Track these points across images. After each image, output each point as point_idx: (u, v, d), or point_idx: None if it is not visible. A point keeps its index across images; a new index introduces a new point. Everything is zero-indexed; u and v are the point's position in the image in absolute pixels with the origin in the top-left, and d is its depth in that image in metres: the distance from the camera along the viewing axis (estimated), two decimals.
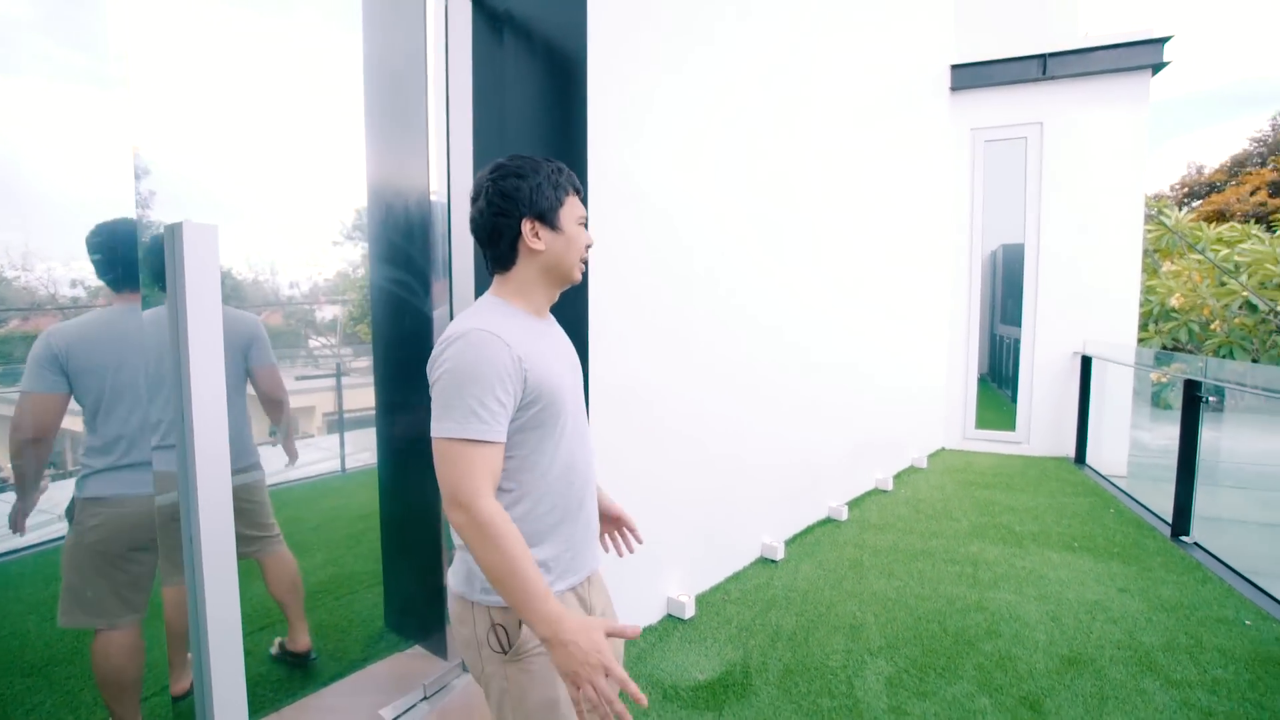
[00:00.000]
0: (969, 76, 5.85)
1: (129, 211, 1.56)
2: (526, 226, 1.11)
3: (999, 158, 5.97)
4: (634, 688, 0.94)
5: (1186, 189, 21.29)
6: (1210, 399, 3.51)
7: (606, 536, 1.46)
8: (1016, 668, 2.36)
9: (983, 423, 6.23)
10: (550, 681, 1.11)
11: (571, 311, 1.98)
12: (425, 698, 2.18)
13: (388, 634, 2.39)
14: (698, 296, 2.90)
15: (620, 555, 1.46)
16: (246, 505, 2.02)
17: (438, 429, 1.01)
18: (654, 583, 2.75)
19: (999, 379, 6.48)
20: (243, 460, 2.01)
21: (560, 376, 1.12)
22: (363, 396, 3.53)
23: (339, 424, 3.69)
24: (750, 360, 3.31)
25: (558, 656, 0.95)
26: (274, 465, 2.23)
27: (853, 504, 4.36)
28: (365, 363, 3.56)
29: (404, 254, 1.99)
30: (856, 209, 4.45)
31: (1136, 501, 4.39)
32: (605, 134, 2.31)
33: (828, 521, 4.02)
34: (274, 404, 2.13)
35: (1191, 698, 2.16)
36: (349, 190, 2.57)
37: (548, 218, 1.12)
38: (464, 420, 0.99)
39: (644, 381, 2.59)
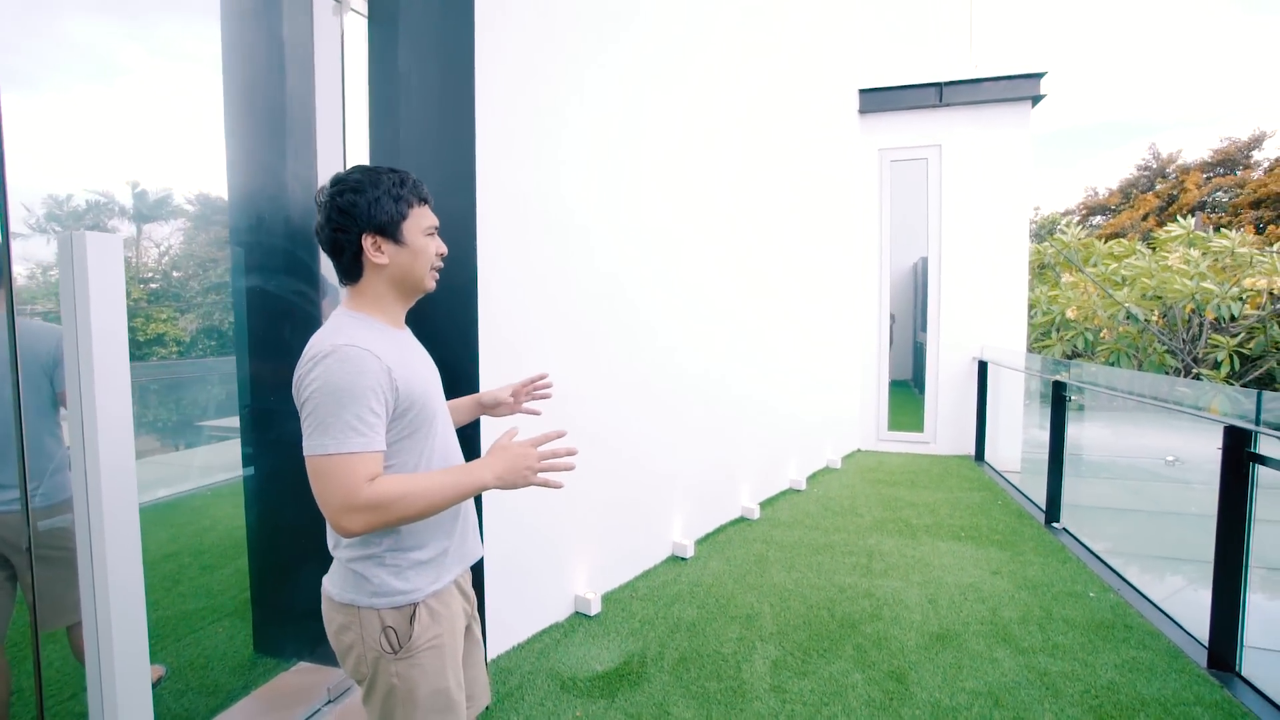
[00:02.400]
0: (875, 100, 6.26)
1: None
2: (367, 241, 1.11)
3: (905, 176, 6.40)
4: (550, 436, 1.18)
5: (1088, 208, 23.17)
6: (1073, 398, 3.89)
7: (525, 404, 1.53)
8: (890, 646, 2.57)
9: (895, 425, 6.61)
10: (440, 672, 1.16)
11: (463, 317, 2.06)
12: (330, 700, 2.20)
13: (262, 659, 2.33)
14: (614, 304, 3.04)
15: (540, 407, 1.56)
16: (67, 554, 1.50)
17: (313, 446, 1.00)
18: (562, 581, 2.84)
19: (920, 384, 6.89)
20: (63, 494, 1.63)
21: (427, 382, 1.18)
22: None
23: None
24: (667, 370, 3.46)
25: (505, 486, 1.11)
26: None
27: (766, 503, 4.56)
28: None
29: (288, 259, 2.03)
30: (772, 223, 4.70)
31: (1023, 494, 4.78)
32: (520, 151, 2.47)
33: (740, 520, 4.20)
34: None
35: (1034, 662, 2.41)
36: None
37: (389, 231, 1.12)
38: (341, 435, 0.99)
39: (560, 383, 2.70)
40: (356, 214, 1.10)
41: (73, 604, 1.59)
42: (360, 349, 1.03)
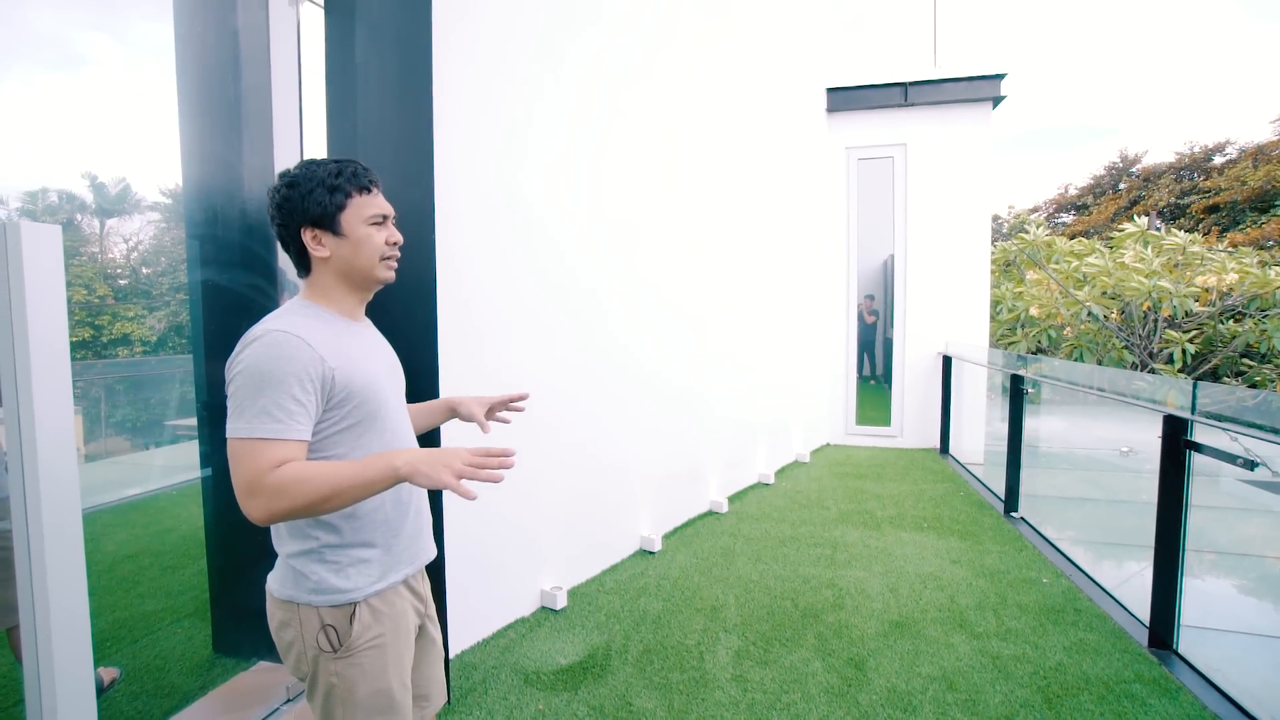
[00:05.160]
0: (842, 100, 6.35)
1: None
2: (307, 235, 1.11)
3: (872, 174, 6.51)
4: (495, 452, 0.99)
5: (1057, 206, 23.81)
6: (1029, 390, 4.01)
7: (501, 414, 1.45)
8: (851, 634, 2.62)
9: (864, 419, 6.72)
10: (380, 673, 1.13)
11: (421, 309, 2.05)
12: (289, 699, 2.17)
13: (221, 659, 2.30)
14: (579, 299, 3.06)
15: (511, 417, 1.46)
16: (6, 554, 1.38)
17: (230, 429, 0.99)
18: (528, 576, 2.84)
19: (889, 378, 6.99)
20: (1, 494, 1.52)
21: (374, 374, 1.14)
22: None
23: None
24: (634, 367, 3.48)
25: (420, 483, 0.97)
26: None
27: (734, 497, 4.61)
28: None
29: (244, 253, 1.99)
30: (742, 219, 4.74)
31: (984, 485, 4.90)
32: (487, 147, 2.49)
33: (709, 514, 4.24)
34: None
35: (988, 646, 2.49)
36: None
37: (324, 224, 1.11)
38: (255, 420, 0.98)
39: (526, 377, 2.73)
40: (291, 209, 1.11)
41: (14, 605, 1.58)
42: (291, 335, 1.02)
